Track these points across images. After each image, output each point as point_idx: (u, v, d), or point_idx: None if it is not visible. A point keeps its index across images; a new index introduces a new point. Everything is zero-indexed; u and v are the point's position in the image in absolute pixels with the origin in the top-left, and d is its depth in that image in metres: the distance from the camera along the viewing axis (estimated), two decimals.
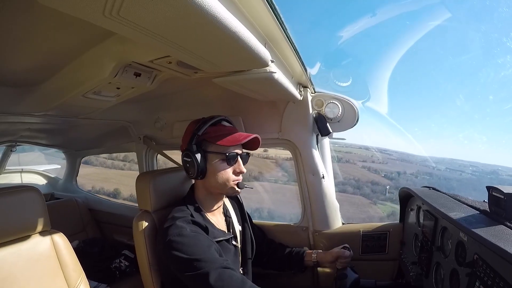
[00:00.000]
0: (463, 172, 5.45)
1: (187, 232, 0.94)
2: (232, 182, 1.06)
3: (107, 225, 2.41)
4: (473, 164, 5.65)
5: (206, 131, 1.03)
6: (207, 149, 1.03)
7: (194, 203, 1.07)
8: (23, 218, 0.97)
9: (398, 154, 6.28)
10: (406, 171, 6.17)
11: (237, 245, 1.16)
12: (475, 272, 0.73)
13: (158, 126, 1.72)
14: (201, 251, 0.91)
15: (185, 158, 1.03)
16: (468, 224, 0.79)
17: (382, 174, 6.59)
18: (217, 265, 0.89)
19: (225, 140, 1.02)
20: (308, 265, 1.30)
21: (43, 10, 0.60)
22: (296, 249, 1.34)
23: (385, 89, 1.66)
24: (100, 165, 8.99)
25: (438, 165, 5.53)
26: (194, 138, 1.02)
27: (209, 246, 0.95)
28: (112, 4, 0.43)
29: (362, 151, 6.38)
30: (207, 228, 1.01)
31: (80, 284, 1.05)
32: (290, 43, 0.88)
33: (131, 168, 9.05)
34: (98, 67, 0.87)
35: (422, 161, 5.83)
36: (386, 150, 6.25)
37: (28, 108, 1.25)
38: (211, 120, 1.05)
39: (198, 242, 0.94)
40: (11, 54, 0.83)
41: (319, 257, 1.27)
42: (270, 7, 0.68)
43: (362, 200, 5.69)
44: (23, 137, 2.19)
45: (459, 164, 5.81)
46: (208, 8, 0.47)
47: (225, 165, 1.04)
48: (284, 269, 1.35)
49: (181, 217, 0.99)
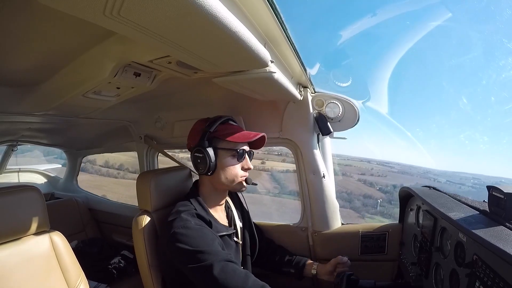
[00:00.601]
0: (463, 185, 5.38)
1: (191, 225, 0.95)
2: (240, 177, 1.10)
3: (107, 225, 2.41)
4: (476, 177, 5.55)
5: (217, 129, 1.06)
6: (218, 145, 1.06)
7: (197, 198, 1.09)
8: (23, 218, 0.97)
9: (400, 167, 6.19)
10: (403, 184, 6.03)
11: (238, 241, 1.18)
12: (474, 272, 0.73)
13: (159, 125, 1.73)
14: (205, 243, 0.93)
15: (196, 154, 1.05)
16: (467, 224, 0.79)
17: (377, 187, 6.48)
18: (220, 257, 0.90)
19: (235, 137, 1.06)
20: (306, 275, 1.30)
21: (43, 9, 0.60)
22: (297, 257, 1.35)
23: (385, 89, 1.66)
24: (96, 172, 9.11)
25: (439, 177, 5.45)
26: (206, 135, 1.04)
27: (213, 240, 0.96)
28: (113, 3, 0.43)
29: (363, 163, 6.35)
30: (210, 222, 1.03)
31: (80, 284, 1.05)
32: (290, 43, 0.88)
33: (125, 176, 9.20)
34: (98, 67, 0.87)
35: (423, 173, 5.74)
36: (388, 162, 6.19)
37: (28, 107, 1.26)
38: (221, 119, 1.09)
39: (203, 234, 0.95)
40: (11, 54, 0.83)
41: (319, 268, 1.28)
42: (271, 7, 0.68)
43: (350, 213, 5.59)
44: (24, 137, 2.19)
45: (461, 177, 5.71)
46: (208, 8, 0.47)
47: (235, 161, 1.08)
48: (282, 273, 1.36)
49: (185, 210, 1.01)
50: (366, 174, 6.39)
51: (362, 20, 1.52)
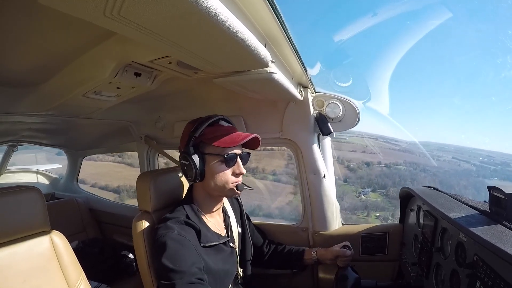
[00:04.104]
0: (468, 162, 4.72)
1: (173, 235, 0.93)
2: (231, 184, 1.03)
3: (107, 226, 2.41)
4: (491, 154, 4.99)
5: (203, 132, 1.00)
6: (205, 150, 1.00)
7: (191, 204, 1.07)
8: (23, 218, 0.97)
9: (406, 144, 5.50)
10: (391, 161, 5.18)
11: (234, 247, 1.15)
12: (475, 273, 0.73)
13: (159, 126, 1.73)
14: (179, 260, 0.90)
15: (183, 161, 1.01)
16: (468, 224, 0.78)
17: (346, 165, 5.59)
18: (186, 280, 0.87)
19: (222, 141, 0.99)
20: (308, 263, 1.29)
21: (44, 10, 0.60)
22: (295, 247, 1.34)
23: (386, 89, 1.65)
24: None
25: (445, 154, 4.91)
26: (191, 140, 0.99)
27: (189, 255, 0.93)
28: (113, 4, 0.43)
29: (368, 140, 5.55)
30: (200, 231, 1.00)
31: (80, 285, 1.05)
32: (291, 44, 0.88)
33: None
34: (99, 67, 0.87)
35: (429, 151, 5.09)
36: (398, 140, 5.40)
37: (29, 108, 1.26)
38: (208, 120, 1.01)
39: (181, 249, 0.92)
40: (12, 54, 0.83)
41: (319, 254, 1.26)
42: (271, 7, 0.68)
43: (290, 188, 4.74)
44: (24, 137, 2.19)
45: (470, 154, 5.08)
46: (209, 8, 0.47)
47: (224, 166, 1.01)
48: (283, 268, 1.35)
49: (173, 218, 0.99)
50: (357, 151, 5.65)
51: (363, 20, 1.52)
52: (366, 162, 5.19)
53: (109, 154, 6.53)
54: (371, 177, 4.89)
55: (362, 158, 5.13)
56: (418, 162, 5.02)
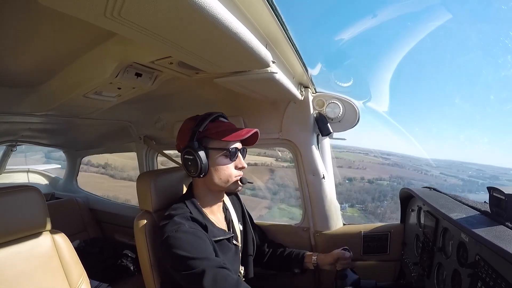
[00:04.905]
0: (456, 177, 4.80)
1: (185, 229, 0.93)
2: (235, 177, 1.05)
3: (108, 225, 2.41)
4: (482, 168, 5.05)
5: (207, 128, 1.01)
6: (208, 145, 1.01)
7: (193, 201, 1.06)
8: (23, 218, 0.97)
9: (398, 158, 5.66)
10: (377, 176, 5.30)
11: (238, 244, 1.15)
12: (477, 273, 0.73)
13: (159, 126, 1.73)
14: (198, 249, 0.90)
15: (186, 156, 1.00)
16: (469, 225, 0.78)
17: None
18: (212, 264, 0.88)
19: (227, 135, 1.00)
20: (308, 267, 1.29)
21: (45, 11, 0.60)
22: (296, 250, 1.34)
23: (386, 90, 1.65)
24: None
25: (433, 169, 5.01)
26: (195, 135, 1.00)
27: (206, 244, 0.93)
28: (113, 4, 0.43)
29: (358, 155, 5.69)
30: (206, 226, 1.00)
31: (82, 284, 1.05)
32: (291, 44, 0.88)
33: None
34: (100, 67, 0.87)
35: (419, 166, 5.20)
36: (389, 154, 5.61)
37: (29, 108, 1.25)
38: (210, 116, 1.03)
39: (196, 239, 0.92)
40: (12, 55, 0.83)
41: (319, 259, 1.26)
42: (271, 8, 0.68)
43: (266, 203, 4.85)
44: (24, 137, 2.20)
45: (459, 169, 5.24)
46: (210, 9, 0.47)
47: (228, 160, 1.03)
48: (283, 269, 1.35)
49: (179, 214, 0.98)
50: (343, 166, 5.67)
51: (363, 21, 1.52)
52: (348, 178, 5.29)
53: (93, 165, 6.50)
54: (350, 192, 5.03)
55: (346, 174, 5.21)
56: (404, 176, 5.19)
